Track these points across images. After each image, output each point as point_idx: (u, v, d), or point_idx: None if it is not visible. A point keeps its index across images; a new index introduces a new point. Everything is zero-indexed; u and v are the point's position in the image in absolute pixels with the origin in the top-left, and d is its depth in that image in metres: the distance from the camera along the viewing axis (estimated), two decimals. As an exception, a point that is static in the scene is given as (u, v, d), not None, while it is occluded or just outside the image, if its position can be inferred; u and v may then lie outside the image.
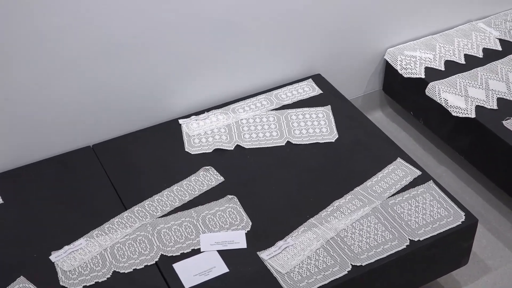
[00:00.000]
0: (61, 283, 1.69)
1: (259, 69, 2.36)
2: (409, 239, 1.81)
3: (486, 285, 2.08)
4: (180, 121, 2.21)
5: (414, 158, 2.26)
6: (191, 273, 1.72)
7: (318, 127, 2.20)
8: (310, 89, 2.38)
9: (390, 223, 1.85)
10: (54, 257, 1.75)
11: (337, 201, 1.92)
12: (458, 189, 2.40)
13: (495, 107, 2.32)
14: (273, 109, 2.27)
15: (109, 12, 1.95)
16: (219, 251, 1.78)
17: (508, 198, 2.34)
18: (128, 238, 1.81)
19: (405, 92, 2.58)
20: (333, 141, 2.15)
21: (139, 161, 2.07)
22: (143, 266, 1.74)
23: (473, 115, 2.28)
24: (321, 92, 2.36)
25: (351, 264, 1.74)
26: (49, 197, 1.94)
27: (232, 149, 2.12)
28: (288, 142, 2.15)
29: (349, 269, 1.73)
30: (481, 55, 2.58)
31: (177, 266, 1.74)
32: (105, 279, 1.71)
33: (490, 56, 2.58)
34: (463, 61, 2.55)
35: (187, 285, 1.69)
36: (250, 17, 2.22)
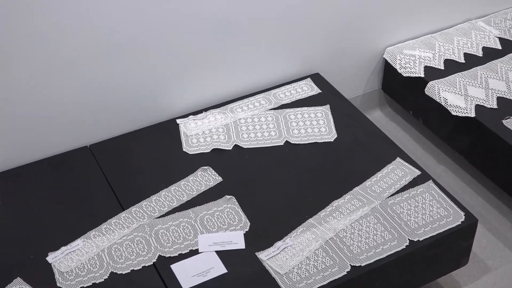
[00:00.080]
0: (58, 284, 1.69)
1: (257, 68, 2.35)
2: (409, 239, 1.81)
3: (486, 285, 2.07)
4: (178, 120, 2.20)
5: (413, 157, 2.26)
6: (189, 274, 1.71)
7: (317, 126, 2.19)
8: (308, 88, 2.37)
9: (390, 223, 1.84)
10: (51, 258, 1.74)
11: (336, 201, 1.91)
12: (458, 189, 2.40)
13: (495, 106, 2.31)
14: (271, 109, 2.26)
15: (109, 12, 1.95)
16: (217, 251, 1.77)
17: (508, 198, 2.33)
18: (126, 238, 1.80)
19: (404, 91, 2.57)
20: (332, 140, 2.14)
21: (136, 161, 2.06)
22: (140, 267, 1.74)
23: (472, 114, 2.27)
24: (320, 91, 2.35)
25: (350, 265, 1.74)
26: (46, 197, 1.93)
27: (230, 149, 2.11)
28: (287, 142, 2.14)
29: (348, 270, 1.73)
30: (480, 54, 2.58)
31: (175, 267, 1.73)
32: (102, 280, 1.70)
33: (490, 55, 2.57)
34: (462, 60, 2.54)
35: (185, 286, 1.69)
36: (248, 16, 2.21)
